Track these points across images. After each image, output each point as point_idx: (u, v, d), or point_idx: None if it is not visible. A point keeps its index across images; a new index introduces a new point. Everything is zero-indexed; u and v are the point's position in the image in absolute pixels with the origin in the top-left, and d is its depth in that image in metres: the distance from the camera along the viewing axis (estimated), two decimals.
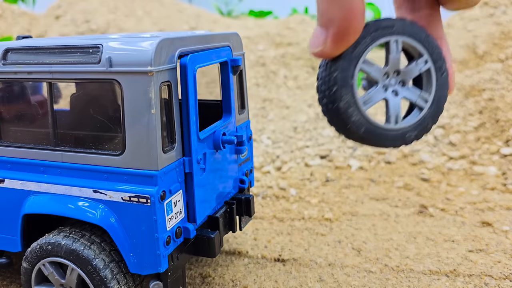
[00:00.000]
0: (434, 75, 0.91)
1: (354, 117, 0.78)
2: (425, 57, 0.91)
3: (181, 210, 1.05)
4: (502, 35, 2.95)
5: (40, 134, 1.12)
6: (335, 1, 0.54)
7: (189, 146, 1.05)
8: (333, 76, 0.72)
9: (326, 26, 0.57)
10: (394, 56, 0.86)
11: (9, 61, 1.08)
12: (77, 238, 1.07)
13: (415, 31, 0.88)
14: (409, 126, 0.95)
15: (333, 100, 0.75)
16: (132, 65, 0.93)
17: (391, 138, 0.92)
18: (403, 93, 0.91)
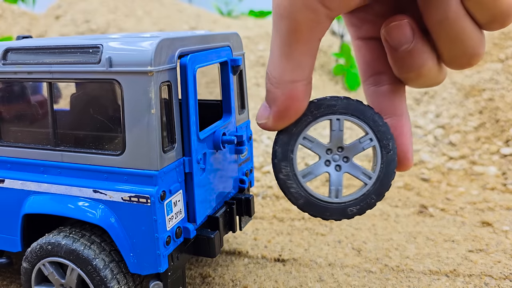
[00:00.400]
0: (379, 153, 0.90)
1: (293, 189, 0.85)
2: (370, 135, 0.92)
3: (181, 210, 1.05)
4: (502, 35, 2.95)
5: (40, 134, 1.12)
6: (278, 85, 0.59)
7: (189, 146, 1.05)
8: (274, 149, 0.79)
9: (269, 104, 0.62)
10: (337, 134, 0.89)
11: (9, 61, 1.08)
12: (77, 238, 1.07)
13: (359, 110, 0.90)
14: (350, 200, 0.97)
15: (275, 170, 0.81)
16: (132, 65, 0.93)
17: (331, 211, 0.95)
18: (345, 168, 0.94)
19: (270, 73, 0.59)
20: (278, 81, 0.59)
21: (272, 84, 0.59)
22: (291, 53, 0.56)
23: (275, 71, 0.58)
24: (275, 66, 0.58)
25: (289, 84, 0.59)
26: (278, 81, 0.59)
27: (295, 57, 0.57)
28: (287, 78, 0.58)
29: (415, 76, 0.59)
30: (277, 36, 0.56)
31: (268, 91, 0.61)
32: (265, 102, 0.63)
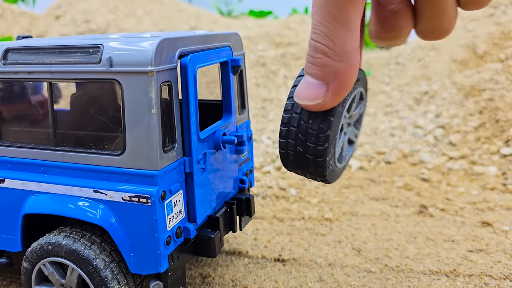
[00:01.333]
0: (364, 112, 0.99)
1: (331, 166, 0.90)
2: (365, 100, 0.98)
3: (181, 210, 1.05)
4: (502, 35, 2.95)
5: (40, 134, 1.12)
6: (340, 57, 0.54)
7: (190, 146, 1.05)
8: (326, 134, 0.80)
9: (328, 80, 0.57)
10: (355, 105, 0.93)
11: (10, 61, 1.08)
12: (77, 238, 1.07)
13: (364, 78, 0.95)
14: (348, 159, 1.04)
15: (320, 154, 0.84)
16: (133, 65, 0.93)
17: (339, 174, 1.03)
18: (348, 133, 1.02)
19: (327, 46, 0.54)
20: (339, 52, 0.54)
21: (331, 57, 0.54)
22: (347, 18, 0.52)
23: (334, 41, 0.53)
24: (332, 36, 0.53)
25: (351, 53, 0.54)
26: (340, 53, 0.54)
27: (352, 22, 0.52)
28: (349, 48, 0.53)
29: (392, 37, 0.58)
30: (326, 3, 0.51)
31: (324, 65, 0.56)
32: (313, 80, 0.58)
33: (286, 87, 3.18)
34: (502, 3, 3.18)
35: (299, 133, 0.91)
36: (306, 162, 0.95)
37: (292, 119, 0.93)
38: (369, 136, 2.60)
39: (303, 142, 0.91)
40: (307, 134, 0.91)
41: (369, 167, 2.32)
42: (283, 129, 0.94)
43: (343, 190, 2.08)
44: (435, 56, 3.11)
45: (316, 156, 0.92)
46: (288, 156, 0.97)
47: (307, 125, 0.91)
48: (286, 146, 0.94)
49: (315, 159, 0.93)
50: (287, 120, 0.93)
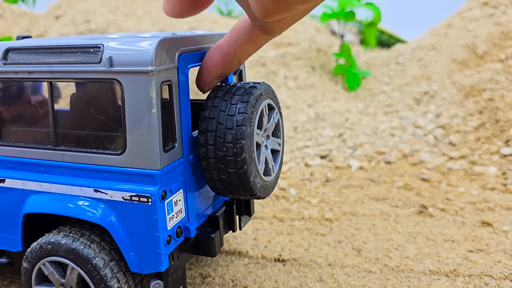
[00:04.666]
0: (281, 120, 1.13)
1: (259, 183, 1.04)
2: (276, 110, 1.10)
3: (181, 210, 1.05)
4: (502, 35, 2.95)
5: (40, 134, 1.12)
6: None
7: (181, 146, 1.05)
8: (242, 157, 0.96)
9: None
10: (269, 118, 1.08)
11: (10, 61, 1.08)
12: (76, 237, 1.07)
13: (268, 90, 1.06)
14: (278, 169, 1.15)
15: (243, 176, 0.99)
16: (133, 65, 0.93)
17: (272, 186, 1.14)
18: (269, 145, 1.11)
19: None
20: None
21: None
22: None
23: None
24: None
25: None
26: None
27: None
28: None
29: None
30: None
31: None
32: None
33: (286, 87, 3.18)
34: (502, 3, 3.18)
35: (218, 163, 0.98)
36: (233, 186, 1.01)
37: (208, 151, 0.99)
38: (369, 136, 2.60)
39: (225, 170, 0.99)
40: (226, 162, 0.97)
41: (369, 167, 2.32)
42: (204, 163, 1.01)
43: (343, 190, 2.08)
44: (435, 56, 3.11)
45: (240, 179, 0.98)
46: (216, 186, 1.03)
47: (222, 153, 0.98)
48: (211, 178, 1.01)
49: (241, 182, 0.99)
50: (204, 154, 1.00)
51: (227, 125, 0.95)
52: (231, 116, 0.95)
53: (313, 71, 3.39)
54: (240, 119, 0.95)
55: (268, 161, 1.09)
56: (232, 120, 0.95)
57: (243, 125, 0.94)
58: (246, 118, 0.95)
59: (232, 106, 0.96)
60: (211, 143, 0.98)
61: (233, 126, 0.94)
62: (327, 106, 2.98)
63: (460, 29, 3.20)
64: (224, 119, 0.96)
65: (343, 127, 2.69)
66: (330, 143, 2.55)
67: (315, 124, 2.74)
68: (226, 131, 0.95)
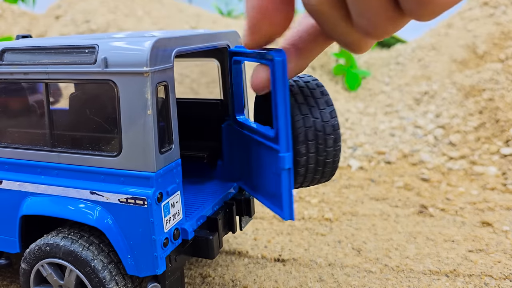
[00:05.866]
0: None
1: None
2: None
3: (179, 212, 1.05)
4: (502, 35, 2.94)
5: (37, 135, 1.11)
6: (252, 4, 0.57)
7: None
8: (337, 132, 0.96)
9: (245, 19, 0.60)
10: None
11: (6, 62, 1.08)
12: (75, 239, 1.06)
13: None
14: None
15: (337, 154, 0.97)
16: (128, 66, 0.92)
17: None
18: None
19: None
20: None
21: (246, 3, 0.58)
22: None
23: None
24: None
25: (257, 3, 0.56)
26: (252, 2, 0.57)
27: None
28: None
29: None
30: None
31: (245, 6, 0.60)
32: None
33: None
34: (502, 3, 3.17)
35: (317, 144, 0.93)
36: (325, 167, 0.96)
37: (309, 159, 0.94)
38: (369, 136, 2.59)
39: (323, 150, 0.95)
40: (325, 141, 0.94)
41: (369, 167, 2.32)
42: (301, 147, 0.94)
43: (343, 190, 2.07)
44: (435, 56, 3.10)
45: (335, 157, 0.95)
46: (306, 172, 0.96)
47: (323, 157, 0.93)
48: (306, 162, 0.94)
49: (334, 160, 0.97)
50: (304, 137, 0.94)
51: (323, 119, 0.93)
52: (323, 109, 0.94)
53: (313, 71, 3.38)
54: (335, 123, 0.94)
55: None
56: (326, 113, 0.93)
57: (338, 129, 0.95)
58: (337, 120, 0.95)
59: (319, 100, 0.94)
60: (311, 138, 0.93)
61: (329, 118, 0.93)
62: None
63: (460, 29, 3.19)
64: (318, 113, 0.93)
65: (343, 127, 2.69)
66: None
67: None
68: (324, 124, 0.93)
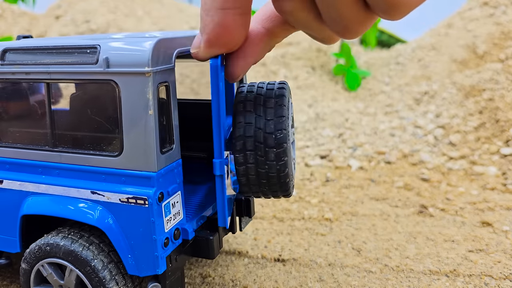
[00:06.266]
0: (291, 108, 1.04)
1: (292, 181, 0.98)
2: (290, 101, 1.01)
3: (179, 212, 1.05)
4: (502, 35, 2.94)
5: (38, 135, 1.11)
6: (208, 11, 0.58)
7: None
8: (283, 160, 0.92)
9: (201, 32, 0.62)
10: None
11: (7, 62, 1.08)
12: (75, 239, 1.06)
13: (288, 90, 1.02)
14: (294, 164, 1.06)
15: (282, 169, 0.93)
16: (129, 66, 0.92)
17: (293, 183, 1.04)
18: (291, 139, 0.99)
19: (203, 1, 0.58)
20: (208, 7, 0.58)
21: (203, 11, 0.59)
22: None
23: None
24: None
25: (218, 10, 0.58)
26: (209, 7, 0.58)
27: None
28: (217, 5, 0.57)
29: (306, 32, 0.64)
30: None
31: (200, 18, 0.61)
32: (198, 32, 0.63)
33: None
34: (502, 3, 3.17)
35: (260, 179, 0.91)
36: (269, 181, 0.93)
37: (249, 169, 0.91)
38: (369, 136, 2.59)
39: (263, 162, 0.92)
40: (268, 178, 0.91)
41: (369, 167, 2.32)
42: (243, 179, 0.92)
43: (343, 190, 2.07)
44: (435, 56, 3.10)
45: (279, 172, 0.91)
46: (249, 182, 0.95)
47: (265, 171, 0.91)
48: (246, 172, 0.92)
49: (279, 175, 0.92)
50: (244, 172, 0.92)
51: (267, 130, 0.90)
52: (271, 120, 0.90)
53: (313, 71, 3.39)
54: (280, 137, 0.90)
55: (293, 155, 1.04)
56: (272, 124, 0.90)
57: (284, 143, 0.90)
58: (285, 134, 0.90)
59: (269, 110, 0.90)
60: (250, 148, 0.90)
61: (273, 131, 0.89)
62: (327, 106, 2.97)
63: (460, 29, 3.19)
64: (263, 123, 0.90)
65: (343, 127, 2.69)
66: (330, 143, 2.54)
67: (315, 124, 2.74)
68: (267, 136, 0.90)
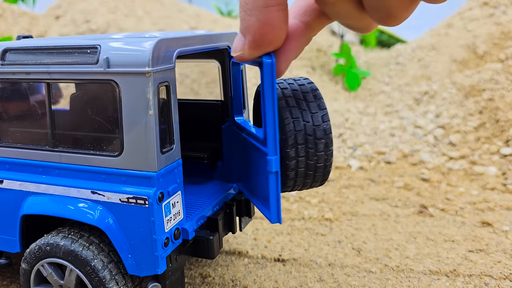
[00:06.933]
0: None
1: None
2: None
3: (179, 212, 1.05)
4: (502, 35, 2.94)
5: (38, 135, 1.12)
6: (251, 11, 0.56)
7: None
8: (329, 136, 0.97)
9: (244, 34, 0.60)
10: None
11: (8, 62, 1.08)
12: (75, 239, 1.06)
13: None
14: None
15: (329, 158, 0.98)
16: (130, 66, 0.93)
17: None
18: None
19: (242, 0, 0.56)
20: (251, 7, 0.56)
21: (245, 11, 0.57)
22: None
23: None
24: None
25: (262, 9, 0.56)
26: (251, 7, 0.56)
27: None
28: (260, 3, 0.56)
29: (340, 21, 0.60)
30: None
31: (241, 19, 0.59)
32: (239, 33, 0.61)
33: None
34: (502, 3, 3.18)
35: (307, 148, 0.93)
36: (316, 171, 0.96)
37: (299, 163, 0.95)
38: (369, 136, 2.59)
39: (314, 154, 0.96)
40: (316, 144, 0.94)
41: (369, 167, 2.32)
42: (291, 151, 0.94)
43: (343, 190, 2.07)
44: (435, 56, 3.11)
45: (326, 161, 0.95)
46: (296, 176, 0.97)
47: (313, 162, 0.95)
48: (296, 166, 0.95)
49: (325, 164, 0.98)
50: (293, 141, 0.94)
51: (314, 123, 0.94)
52: (315, 113, 0.95)
53: (313, 71, 3.39)
54: (327, 128, 0.95)
55: None
56: (318, 117, 0.95)
57: (330, 133, 0.96)
58: (329, 124, 0.96)
59: (311, 104, 0.95)
60: (301, 141, 0.94)
61: (320, 122, 0.95)
62: (327, 106, 2.97)
63: (460, 29, 3.19)
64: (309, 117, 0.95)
65: (343, 127, 2.69)
66: None
67: None
68: (315, 128, 0.94)
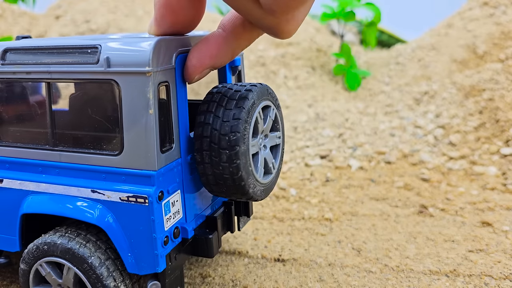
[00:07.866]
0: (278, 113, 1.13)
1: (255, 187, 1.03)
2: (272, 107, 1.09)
3: (179, 210, 1.05)
4: (502, 35, 2.94)
5: (38, 134, 1.12)
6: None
7: (179, 147, 1.04)
8: (238, 175, 0.96)
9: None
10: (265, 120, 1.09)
11: (8, 61, 1.08)
12: (72, 237, 1.07)
13: (264, 92, 1.06)
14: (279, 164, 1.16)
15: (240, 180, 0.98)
16: (130, 66, 0.93)
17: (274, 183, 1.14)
18: (268, 143, 1.18)
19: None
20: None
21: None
22: None
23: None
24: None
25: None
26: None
27: None
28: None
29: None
30: None
31: None
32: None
33: (286, 87, 3.17)
34: (502, 3, 3.18)
35: (213, 168, 1.00)
36: (231, 192, 1.02)
37: (204, 156, 0.99)
38: (369, 136, 2.59)
39: (220, 176, 0.99)
40: (221, 170, 0.98)
41: (369, 167, 2.32)
42: (200, 167, 1.01)
43: (343, 190, 2.07)
44: (435, 56, 3.11)
45: (237, 187, 1.00)
46: (208, 182, 1.03)
47: (217, 165, 0.97)
48: (204, 171, 1.01)
49: (238, 190, 1.00)
50: (199, 146, 1.00)
51: (221, 131, 0.95)
52: (226, 122, 0.96)
53: (313, 71, 3.39)
54: (233, 139, 0.95)
55: (268, 161, 1.08)
56: (227, 126, 0.95)
57: (237, 145, 0.95)
58: (239, 137, 0.95)
59: (228, 112, 0.97)
60: (206, 148, 0.97)
61: (227, 132, 0.95)
62: (327, 106, 2.97)
63: (460, 29, 3.19)
64: (219, 124, 0.96)
65: (343, 127, 2.69)
66: (330, 143, 2.54)
67: (315, 124, 2.74)
68: (221, 137, 0.95)
